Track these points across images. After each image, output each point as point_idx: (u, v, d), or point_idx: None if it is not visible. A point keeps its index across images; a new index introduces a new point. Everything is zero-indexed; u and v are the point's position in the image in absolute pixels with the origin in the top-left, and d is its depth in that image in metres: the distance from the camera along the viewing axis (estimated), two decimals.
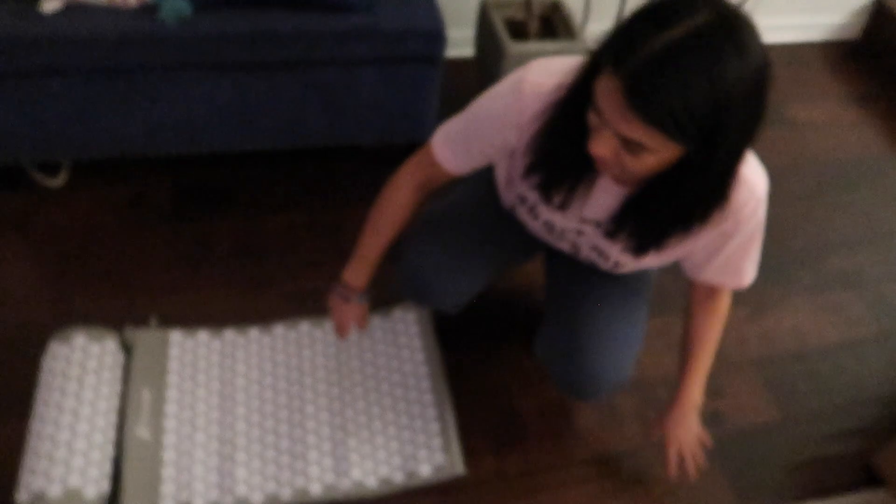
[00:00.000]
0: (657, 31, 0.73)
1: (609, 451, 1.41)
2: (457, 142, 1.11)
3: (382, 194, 1.24)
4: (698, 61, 0.72)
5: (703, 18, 0.73)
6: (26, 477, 1.18)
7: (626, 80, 0.74)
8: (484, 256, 1.27)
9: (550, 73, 0.95)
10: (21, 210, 1.64)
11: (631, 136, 0.78)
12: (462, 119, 1.10)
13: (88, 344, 1.34)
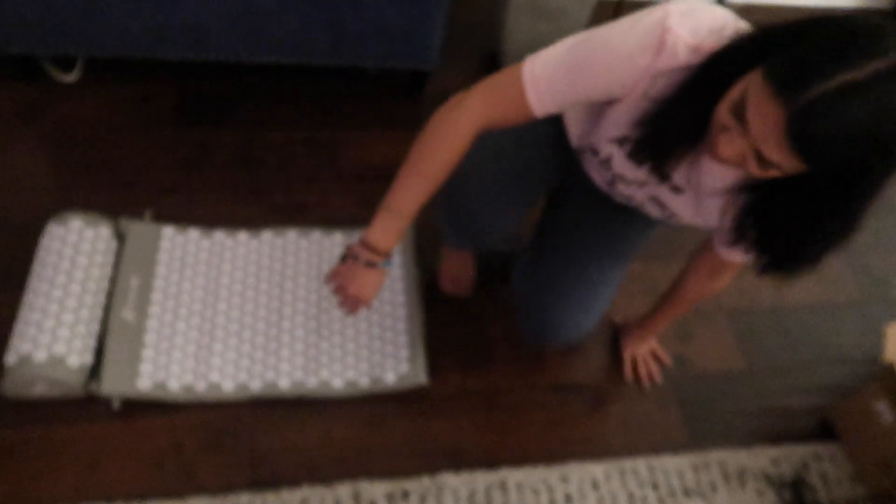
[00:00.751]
0: (836, 67, 0.67)
1: (571, 381, 1.46)
2: (561, 80, 0.92)
3: (434, 131, 0.98)
4: (875, 109, 0.67)
5: (888, 63, 0.66)
6: (15, 341, 1.26)
7: (793, 115, 0.68)
8: (528, 186, 1.19)
9: (696, 31, 0.84)
10: (34, 102, 1.71)
11: (775, 159, 0.74)
12: (573, 52, 0.91)
13: (84, 228, 1.41)
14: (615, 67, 0.89)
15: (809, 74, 0.68)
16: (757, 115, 0.72)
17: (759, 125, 0.72)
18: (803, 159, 0.71)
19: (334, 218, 1.61)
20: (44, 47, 1.61)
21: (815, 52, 0.69)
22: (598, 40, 0.90)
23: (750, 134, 0.74)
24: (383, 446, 1.32)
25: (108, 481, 1.21)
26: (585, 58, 0.90)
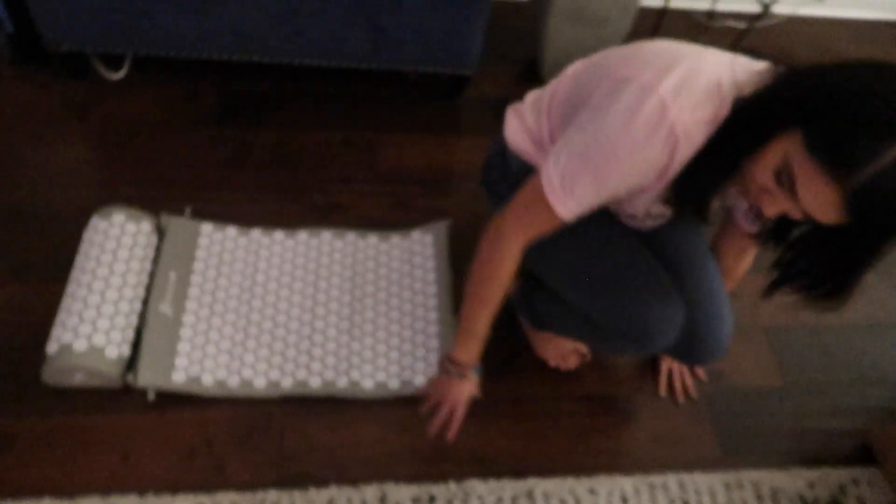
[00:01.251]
0: (886, 140, 0.65)
1: (602, 392, 1.44)
2: (585, 193, 0.93)
3: (487, 264, 1.06)
4: None
5: None
6: (57, 330, 1.29)
7: (850, 194, 0.68)
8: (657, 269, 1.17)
9: (698, 103, 0.83)
10: (83, 98, 1.75)
11: (827, 222, 0.74)
12: (588, 162, 0.91)
13: (126, 222, 1.44)
14: (634, 171, 0.89)
15: (861, 153, 0.66)
16: (808, 192, 0.72)
17: (811, 201, 0.72)
18: (861, 226, 0.71)
19: (369, 219, 1.62)
20: (94, 46, 1.66)
21: (859, 124, 0.67)
22: (605, 145, 0.88)
23: (800, 202, 0.74)
24: (411, 449, 1.32)
25: (140, 472, 1.23)
26: (601, 167, 0.90)
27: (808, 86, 0.74)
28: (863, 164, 0.66)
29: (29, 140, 1.66)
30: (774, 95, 0.77)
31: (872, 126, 0.66)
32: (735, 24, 2.19)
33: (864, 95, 0.68)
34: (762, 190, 0.79)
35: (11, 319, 1.38)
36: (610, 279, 1.13)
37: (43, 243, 1.49)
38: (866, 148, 0.66)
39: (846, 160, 0.67)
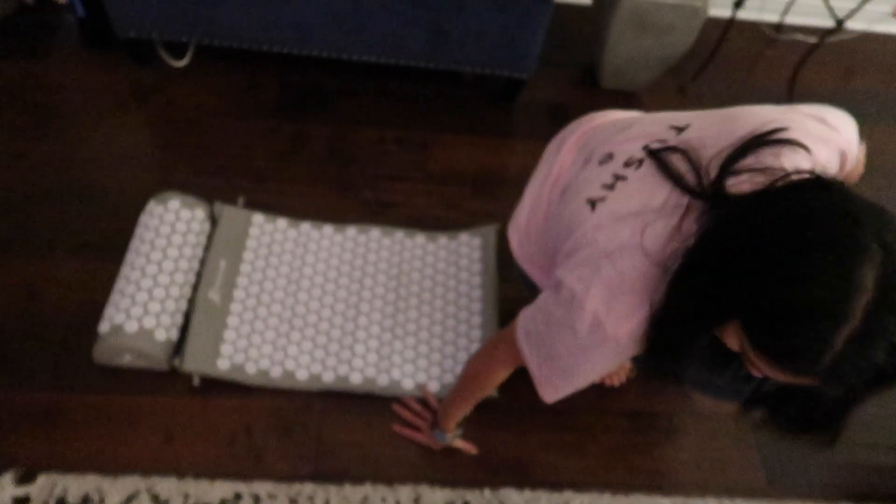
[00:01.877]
0: (831, 330, 0.60)
1: (645, 408, 1.41)
2: (565, 385, 0.98)
3: (476, 376, 1.13)
4: (887, 338, 0.61)
5: (869, 295, 0.60)
6: (110, 311, 1.32)
7: (822, 380, 0.64)
8: None
9: (630, 309, 0.80)
10: (146, 83, 1.79)
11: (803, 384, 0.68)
12: (559, 367, 0.94)
13: (181, 209, 1.47)
14: (601, 366, 0.90)
15: (809, 349, 0.62)
16: (777, 375, 0.67)
17: (782, 378, 0.67)
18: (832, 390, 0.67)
19: (418, 218, 1.62)
20: (160, 33, 1.69)
21: (796, 319, 0.62)
22: (565, 357, 0.91)
23: (770, 375, 0.69)
24: (448, 453, 1.31)
25: (181, 455, 1.26)
26: (568, 370, 0.93)
27: (726, 279, 0.67)
28: (818, 359, 0.62)
29: (93, 121, 1.70)
30: (694, 296, 0.72)
31: (811, 316, 0.61)
32: (804, 38, 2.12)
33: (792, 283, 0.62)
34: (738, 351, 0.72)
35: (69, 296, 1.42)
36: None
37: (101, 223, 1.52)
38: (812, 342, 0.61)
39: (794, 358, 0.64)
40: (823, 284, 0.61)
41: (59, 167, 1.61)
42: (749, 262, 0.65)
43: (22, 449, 1.23)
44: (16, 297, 1.41)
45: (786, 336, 0.63)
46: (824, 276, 0.61)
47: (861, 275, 0.60)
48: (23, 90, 1.74)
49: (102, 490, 1.19)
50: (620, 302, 0.81)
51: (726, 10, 1.92)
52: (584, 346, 0.87)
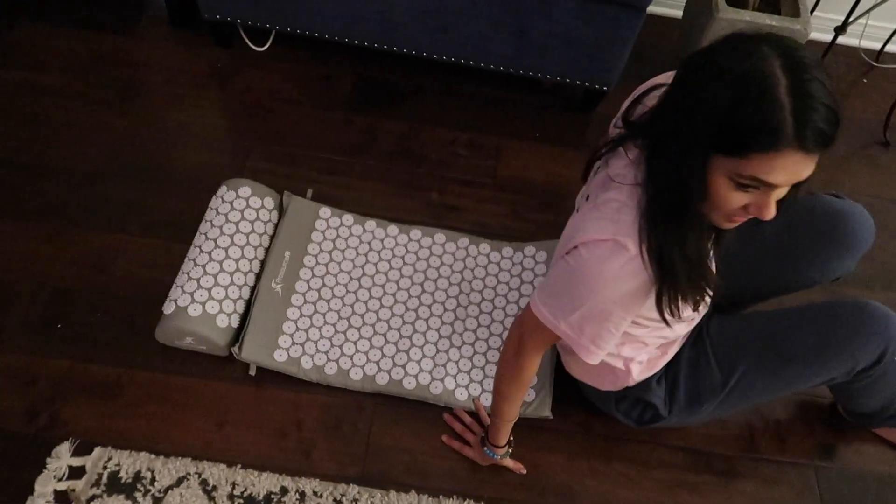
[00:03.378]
0: (773, 95, 0.72)
1: (703, 447, 1.36)
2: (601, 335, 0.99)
3: (511, 375, 1.12)
4: (818, 75, 0.73)
5: (775, 56, 0.74)
6: (175, 292, 1.34)
7: (802, 141, 0.73)
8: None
9: (615, 218, 0.90)
10: (226, 66, 1.81)
11: (811, 171, 0.78)
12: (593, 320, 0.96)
13: (252, 196, 1.47)
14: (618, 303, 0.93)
15: (775, 117, 0.72)
16: (778, 171, 0.76)
17: (783, 173, 0.76)
18: (825, 147, 0.75)
19: (484, 224, 1.59)
20: (245, 18, 1.70)
21: (752, 106, 0.73)
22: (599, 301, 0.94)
23: (778, 184, 0.78)
24: (496, 470, 1.28)
25: (232, 443, 1.27)
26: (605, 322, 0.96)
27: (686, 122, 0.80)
28: (779, 118, 0.72)
29: (173, 100, 1.72)
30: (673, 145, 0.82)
31: (751, 97, 0.73)
32: None
33: (727, 87, 0.75)
34: (742, 209, 0.83)
35: (137, 272, 1.44)
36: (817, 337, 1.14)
37: (173, 203, 1.55)
38: (766, 107, 0.73)
39: (767, 131, 0.73)
40: (746, 74, 0.74)
41: (137, 144, 1.64)
42: (688, 101, 0.79)
43: (81, 420, 1.26)
44: (86, 270, 1.44)
45: (747, 123, 0.74)
46: (744, 71, 0.74)
47: (767, 54, 0.74)
48: (109, 64, 1.78)
49: (154, 469, 1.21)
50: (610, 218, 0.91)
51: (827, 35, 1.82)
52: (598, 271, 0.91)
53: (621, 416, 1.26)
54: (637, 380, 1.18)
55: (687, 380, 1.19)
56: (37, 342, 1.34)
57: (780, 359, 1.15)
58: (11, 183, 1.55)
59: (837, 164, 1.83)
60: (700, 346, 1.20)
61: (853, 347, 1.12)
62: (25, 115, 1.66)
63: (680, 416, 1.22)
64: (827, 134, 0.74)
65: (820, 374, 1.15)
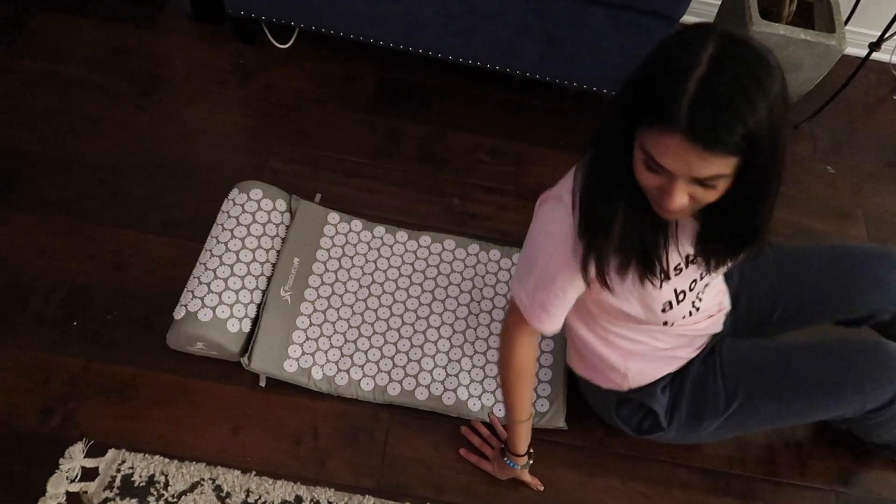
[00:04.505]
0: (684, 76, 0.72)
1: (723, 468, 1.33)
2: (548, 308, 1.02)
3: (514, 366, 1.12)
4: (743, 80, 0.72)
5: (714, 47, 0.73)
6: (186, 297, 1.32)
7: (690, 129, 0.73)
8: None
9: (559, 185, 0.97)
10: (249, 64, 1.79)
11: (710, 173, 0.77)
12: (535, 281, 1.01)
13: (263, 198, 1.45)
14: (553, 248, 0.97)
15: (671, 96, 0.72)
16: (669, 156, 0.76)
17: (675, 161, 0.76)
18: (727, 151, 0.74)
19: (506, 232, 1.57)
20: (269, 15, 1.68)
21: (662, 79, 0.74)
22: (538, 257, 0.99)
23: (677, 173, 0.78)
24: (512, 486, 1.26)
25: (247, 449, 1.25)
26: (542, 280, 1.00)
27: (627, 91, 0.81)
28: (677, 98, 0.72)
29: (193, 96, 1.71)
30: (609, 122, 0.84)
31: (665, 71, 0.74)
32: None
33: (654, 66, 0.76)
34: (657, 192, 0.83)
35: (154, 271, 1.43)
36: (829, 369, 1.13)
37: (191, 201, 1.53)
38: (670, 88, 0.73)
39: (667, 106, 0.73)
40: (674, 55, 0.74)
41: (156, 140, 1.62)
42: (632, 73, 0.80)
43: (95, 420, 1.25)
44: (103, 267, 1.42)
45: (650, 92, 0.75)
46: (674, 51, 0.75)
47: (706, 44, 0.73)
48: (130, 57, 1.76)
49: (168, 474, 1.19)
50: (563, 182, 0.97)
51: (860, 50, 1.79)
52: (540, 225, 0.99)
53: (621, 421, 1.25)
54: (634, 384, 1.17)
55: (691, 394, 1.18)
56: (52, 339, 1.33)
57: (789, 390, 1.14)
58: (30, 175, 1.53)
59: (862, 181, 1.80)
60: (710, 363, 1.18)
61: (865, 387, 1.11)
62: (45, 107, 1.64)
63: (679, 431, 1.20)
64: (717, 133, 0.72)
65: (828, 409, 1.14)
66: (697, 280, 1.03)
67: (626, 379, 1.16)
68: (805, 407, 1.14)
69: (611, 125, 0.84)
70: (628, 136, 0.81)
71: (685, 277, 1.01)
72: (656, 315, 1.03)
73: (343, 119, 1.71)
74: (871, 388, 1.10)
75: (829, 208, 1.74)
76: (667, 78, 0.73)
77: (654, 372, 1.16)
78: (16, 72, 1.70)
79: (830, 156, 1.85)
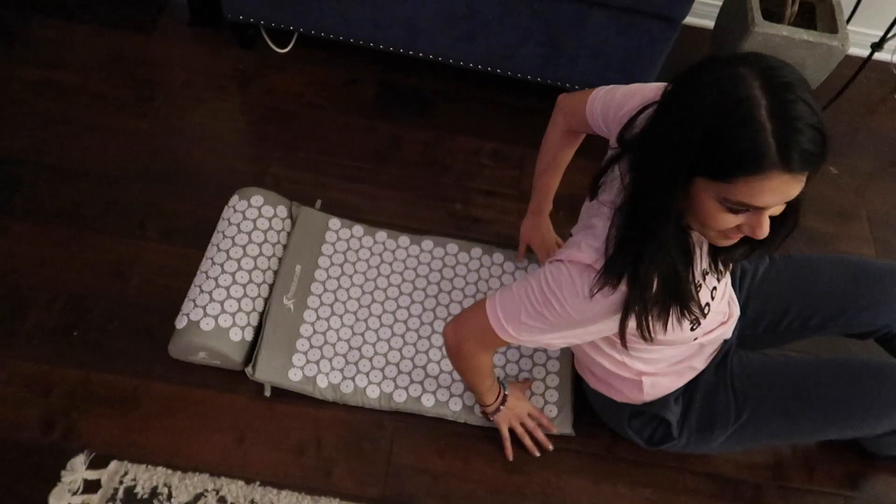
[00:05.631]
0: (755, 118, 0.71)
1: (732, 474, 1.32)
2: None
3: (471, 370, 1.16)
4: (800, 93, 0.72)
5: (756, 77, 0.72)
6: (187, 306, 1.30)
7: (785, 163, 0.72)
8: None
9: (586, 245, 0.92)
10: (247, 68, 1.77)
11: (798, 192, 0.77)
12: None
13: (264, 205, 1.43)
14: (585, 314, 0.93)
15: (757, 140, 0.71)
16: (766, 194, 0.75)
17: (771, 195, 0.75)
18: (811, 166, 0.74)
19: (508, 237, 1.56)
20: (268, 19, 1.66)
21: (736, 127, 0.72)
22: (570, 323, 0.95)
23: (769, 205, 0.77)
24: (518, 492, 1.26)
25: (250, 459, 1.24)
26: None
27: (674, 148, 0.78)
28: (761, 140, 0.71)
29: (193, 103, 1.69)
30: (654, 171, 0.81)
31: (734, 122, 0.72)
32: None
33: (713, 122, 0.74)
34: (734, 229, 0.82)
35: (155, 280, 1.41)
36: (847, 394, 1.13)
37: (191, 208, 1.52)
38: (749, 132, 0.71)
39: (752, 155, 0.72)
40: (725, 98, 0.73)
41: (155, 146, 1.61)
42: (670, 124, 0.78)
43: (97, 432, 1.24)
44: (103, 275, 1.41)
45: (728, 148, 0.73)
46: (723, 95, 0.73)
47: (746, 75, 0.73)
48: (128, 63, 1.75)
49: (171, 485, 1.18)
50: (590, 244, 0.91)
51: (863, 50, 1.78)
52: (571, 292, 0.92)
53: (633, 433, 1.24)
54: (649, 398, 1.16)
55: (702, 404, 1.17)
56: (52, 350, 1.31)
57: (803, 407, 1.13)
58: (30, 183, 1.52)
59: (865, 181, 1.79)
60: (721, 374, 1.17)
61: (880, 413, 1.10)
62: (45, 115, 1.63)
63: (689, 441, 1.20)
64: (813, 154, 0.72)
65: (840, 430, 1.14)
66: (718, 287, 1.02)
67: (642, 393, 1.15)
68: (818, 426, 1.14)
69: (660, 183, 0.80)
70: (682, 190, 0.79)
71: (706, 291, 0.99)
72: (686, 335, 1.00)
73: (343, 124, 1.70)
74: (886, 414, 1.10)
75: (833, 209, 1.73)
76: (736, 128, 0.72)
77: (670, 384, 1.15)
78: (14, 79, 1.68)
79: (833, 156, 1.84)
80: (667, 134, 0.78)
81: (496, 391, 1.24)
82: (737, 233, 0.83)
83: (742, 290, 1.22)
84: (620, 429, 1.26)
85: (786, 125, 0.70)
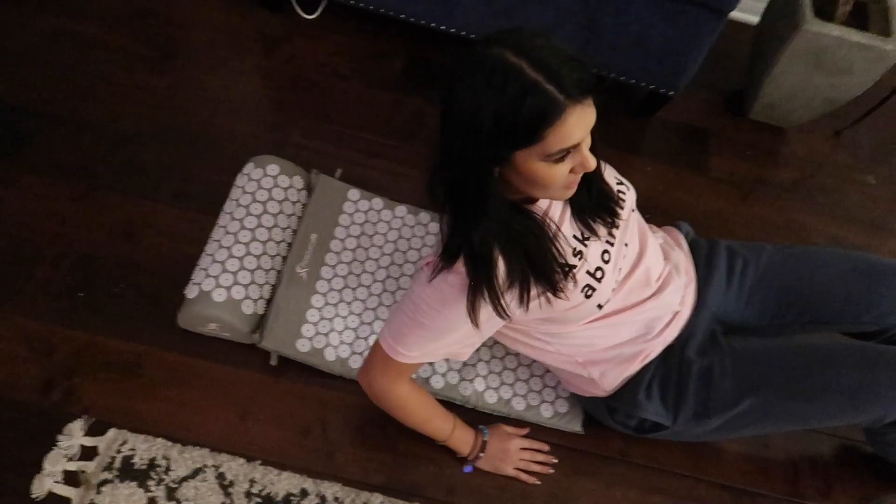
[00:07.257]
0: (528, 78, 0.77)
1: (748, 486, 1.28)
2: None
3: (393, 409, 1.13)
4: (545, 45, 0.80)
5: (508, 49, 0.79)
6: (198, 275, 1.26)
7: (568, 93, 0.78)
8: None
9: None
10: (274, 33, 1.72)
11: (594, 118, 0.84)
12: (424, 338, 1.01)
13: (280, 175, 1.39)
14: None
15: (543, 93, 0.78)
16: (573, 127, 0.81)
17: (576, 127, 0.81)
18: (590, 88, 0.81)
19: None
20: None
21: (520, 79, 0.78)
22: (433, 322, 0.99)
23: (582, 135, 0.83)
24: (524, 493, 1.22)
25: (253, 436, 1.20)
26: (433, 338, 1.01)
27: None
28: (544, 90, 0.77)
29: (215, 64, 1.64)
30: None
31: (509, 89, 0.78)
32: None
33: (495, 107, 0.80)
34: (569, 177, 0.88)
35: (165, 244, 1.37)
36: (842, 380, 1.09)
37: (206, 173, 1.47)
38: (532, 79, 0.77)
39: (544, 107, 0.78)
40: (495, 81, 0.78)
41: (174, 107, 1.55)
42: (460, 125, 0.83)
43: (97, 397, 1.20)
44: (113, 236, 1.37)
45: (529, 113, 0.78)
46: (491, 77, 0.79)
47: (497, 52, 0.79)
48: (151, 18, 1.69)
49: (171, 458, 1.15)
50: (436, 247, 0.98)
51: None
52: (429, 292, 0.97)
53: (619, 426, 1.21)
54: (609, 388, 1.14)
55: (698, 391, 1.12)
56: (57, 310, 1.27)
57: (806, 391, 1.09)
58: (43, 136, 1.47)
59: None
60: (715, 357, 1.12)
61: (889, 398, 1.07)
62: (61, 66, 1.58)
63: (685, 426, 1.15)
64: (583, 79, 0.79)
65: (845, 416, 1.10)
66: (609, 250, 1.03)
67: (597, 385, 1.13)
68: (822, 411, 1.10)
69: (467, 169, 0.85)
70: (490, 170, 0.85)
71: (593, 255, 1.01)
72: (584, 305, 1.01)
73: (369, 97, 1.65)
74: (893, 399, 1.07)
75: (867, 220, 1.67)
76: (520, 95, 0.78)
77: (623, 372, 1.12)
78: (31, 28, 1.63)
79: (872, 165, 1.77)
80: (458, 134, 0.83)
81: (467, 439, 1.19)
82: (573, 177, 0.89)
83: (746, 281, 1.20)
84: (608, 423, 1.23)
85: (550, 69, 0.78)
